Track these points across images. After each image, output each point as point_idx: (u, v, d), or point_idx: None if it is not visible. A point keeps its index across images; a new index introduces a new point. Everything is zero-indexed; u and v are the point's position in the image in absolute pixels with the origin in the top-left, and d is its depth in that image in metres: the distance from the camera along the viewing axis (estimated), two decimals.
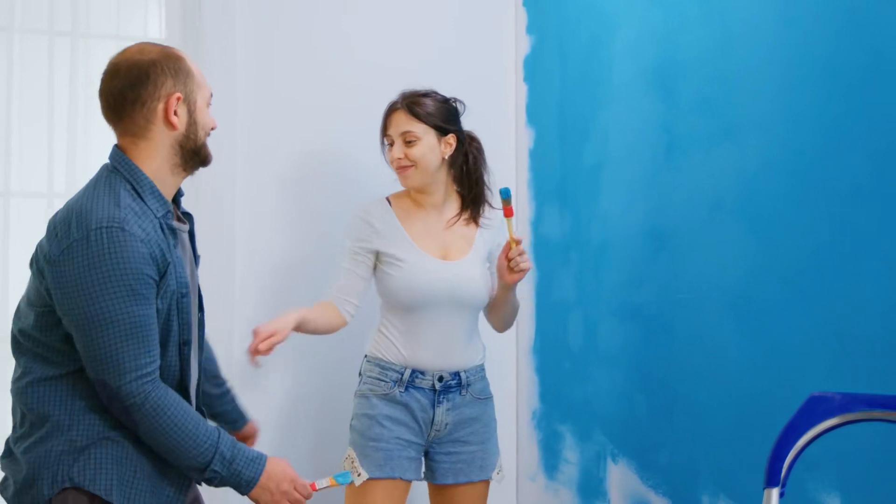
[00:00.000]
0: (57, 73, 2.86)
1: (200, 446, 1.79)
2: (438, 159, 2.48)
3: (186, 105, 1.86)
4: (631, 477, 2.61)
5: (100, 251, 1.71)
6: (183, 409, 1.79)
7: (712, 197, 2.31)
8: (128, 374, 1.74)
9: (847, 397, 1.19)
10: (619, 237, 2.68)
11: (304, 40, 3.02)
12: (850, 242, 1.92)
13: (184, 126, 1.86)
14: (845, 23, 1.94)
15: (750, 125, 2.19)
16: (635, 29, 2.63)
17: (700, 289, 2.35)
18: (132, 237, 1.73)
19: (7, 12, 2.84)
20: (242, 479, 1.83)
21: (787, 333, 2.08)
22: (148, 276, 1.75)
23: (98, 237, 1.71)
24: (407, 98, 2.48)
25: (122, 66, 1.84)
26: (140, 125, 1.84)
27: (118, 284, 1.72)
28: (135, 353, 1.75)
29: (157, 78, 1.82)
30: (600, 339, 2.78)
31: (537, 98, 3.15)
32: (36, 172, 2.86)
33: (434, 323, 2.45)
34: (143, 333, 1.76)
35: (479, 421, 2.52)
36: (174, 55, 1.87)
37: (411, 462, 2.45)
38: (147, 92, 1.82)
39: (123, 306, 1.73)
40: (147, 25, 3.01)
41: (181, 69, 1.86)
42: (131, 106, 1.82)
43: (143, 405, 1.76)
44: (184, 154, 1.89)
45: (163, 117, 1.84)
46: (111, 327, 1.73)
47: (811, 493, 1.98)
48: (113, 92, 1.83)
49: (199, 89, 1.90)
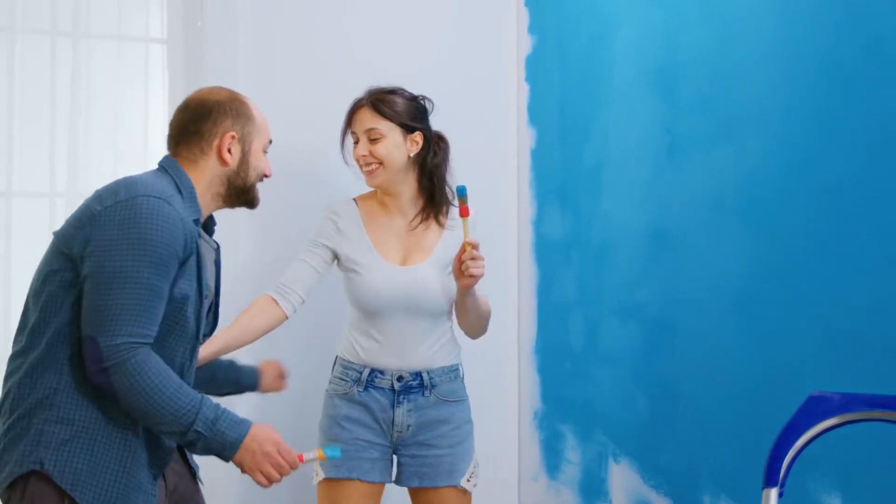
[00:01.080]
0: (58, 73, 2.87)
1: (182, 408, 1.79)
2: (404, 157, 2.43)
3: (241, 145, 2.01)
4: (632, 477, 2.61)
5: (141, 215, 1.79)
6: (165, 372, 1.80)
7: (713, 196, 2.31)
8: (121, 336, 1.77)
9: (846, 397, 1.19)
10: (621, 237, 2.68)
11: (305, 40, 3.02)
12: (851, 242, 1.92)
13: (235, 163, 2.01)
14: (845, 22, 1.94)
15: (750, 125, 2.19)
16: (636, 29, 2.63)
17: (701, 288, 2.35)
18: (174, 212, 1.83)
19: (8, 12, 2.84)
20: (226, 441, 1.83)
21: (788, 333, 2.08)
22: (174, 253, 1.82)
23: (144, 203, 1.81)
24: (373, 95, 2.45)
25: (191, 103, 2.02)
26: (195, 154, 1.99)
27: (149, 250, 1.78)
28: (136, 318, 1.78)
29: (218, 116, 1.99)
30: (601, 339, 2.78)
31: (539, 98, 3.15)
32: (37, 172, 2.87)
33: (393, 324, 2.41)
34: (150, 303, 1.80)
35: (448, 424, 2.44)
36: (239, 99, 2.04)
37: (374, 463, 2.41)
38: (206, 127, 1.98)
39: (145, 271, 1.78)
40: (149, 26, 3.01)
41: (242, 112, 2.02)
42: (191, 137, 1.99)
43: (123, 364, 1.77)
44: (230, 188, 2.02)
45: (217, 152, 1.98)
46: (126, 286, 1.77)
47: (812, 493, 1.98)
48: (178, 124, 2.01)
49: (257, 134, 2.05)
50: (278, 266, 2.87)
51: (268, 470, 1.87)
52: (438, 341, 2.45)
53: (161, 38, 2.99)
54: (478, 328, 2.51)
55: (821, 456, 1.92)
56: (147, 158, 2.98)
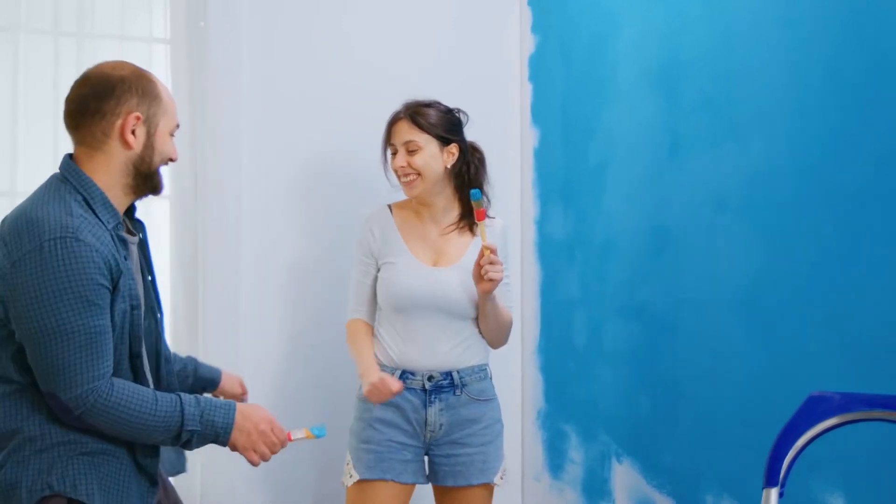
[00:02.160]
0: (62, 73, 2.87)
1: (165, 418, 1.77)
2: (441, 168, 2.49)
3: (146, 127, 1.85)
4: (635, 477, 2.60)
5: (53, 262, 1.69)
6: (135, 393, 1.77)
7: (716, 196, 2.30)
8: (80, 386, 1.72)
9: (846, 397, 1.18)
10: (623, 236, 2.68)
11: (309, 40, 3.02)
12: (854, 242, 1.91)
13: (139, 147, 1.85)
14: (849, 21, 1.93)
15: (753, 124, 2.19)
16: (639, 28, 2.63)
17: (704, 288, 2.35)
18: (86, 247, 1.71)
19: (12, 13, 2.85)
20: (219, 427, 1.81)
21: (791, 333, 2.08)
22: (101, 286, 1.73)
23: (52, 248, 1.70)
24: (410, 108, 2.51)
25: (91, 77, 1.85)
26: (97, 137, 1.83)
27: (72, 296, 1.70)
28: (87, 365, 1.73)
29: (122, 94, 1.83)
30: (604, 339, 2.77)
31: (542, 97, 3.15)
32: (41, 172, 2.86)
33: (422, 324, 2.47)
34: (96, 344, 1.74)
35: (479, 423, 2.49)
36: (146, 77, 1.88)
37: (407, 465, 2.46)
38: (108, 105, 1.82)
39: (77, 318, 1.71)
40: (152, 26, 3.01)
41: (149, 91, 1.86)
42: (91, 116, 1.83)
43: (92, 408, 1.74)
44: (136, 176, 1.87)
45: (119, 133, 1.83)
46: (64, 339, 1.71)
47: (815, 493, 1.98)
48: (77, 99, 1.84)
49: (164, 115, 1.88)
50: (278, 263, 2.88)
51: (262, 449, 1.86)
52: (466, 341, 2.50)
53: (164, 39, 3.00)
54: (498, 336, 2.55)
55: (824, 456, 1.91)
56: None
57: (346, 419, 2.59)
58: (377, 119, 2.56)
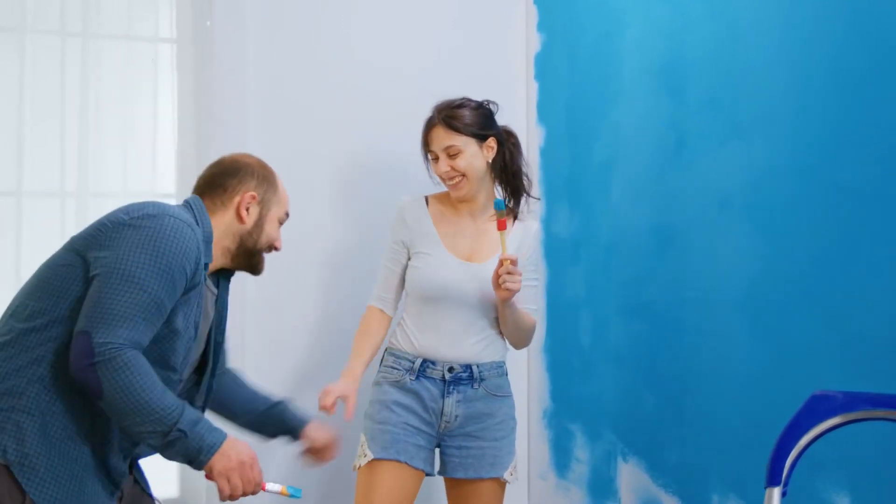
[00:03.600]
0: (68, 73, 2.87)
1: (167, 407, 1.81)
2: (483, 165, 2.50)
3: (260, 207, 2.08)
4: (641, 476, 2.60)
5: (165, 231, 1.86)
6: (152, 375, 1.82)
7: (720, 195, 2.30)
8: (116, 336, 1.79)
9: (849, 396, 1.18)
10: (628, 235, 2.68)
11: (315, 39, 3.02)
12: (858, 240, 1.91)
13: (251, 224, 2.07)
14: (853, 20, 1.93)
15: (758, 122, 2.18)
16: (644, 27, 2.62)
17: (708, 287, 2.34)
18: (193, 235, 1.90)
19: (19, 13, 2.85)
20: (205, 443, 1.84)
21: (796, 332, 2.07)
22: (185, 274, 1.88)
23: (170, 222, 1.88)
24: (442, 112, 2.50)
25: (224, 161, 2.13)
26: (216, 205, 2.07)
27: (164, 264, 1.84)
28: (135, 323, 1.81)
29: (244, 176, 2.08)
30: (610, 337, 2.77)
31: (547, 96, 3.15)
32: (48, 172, 2.88)
33: (448, 316, 2.48)
34: (150, 313, 1.83)
35: (494, 418, 2.50)
36: (268, 168, 2.14)
37: (420, 450, 2.47)
38: (232, 183, 2.07)
39: (156, 283, 1.83)
40: (158, 26, 3.01)
41: (268, 179, 2.11)
42: (215, 189, 2.07)
43: (113, 360, 1.78)
44: (240, 247, 2.08)
45: (236, 208, 2.06)
46: (134, 291, 1.81)
47: (820, 492, 1.97)
48: (207, 177, 2.11)
49: (276, 203, 2.12)
50: (287, 263, 2.88)
51: (235, 480, 1.87)
52: (488, 337, 2.51)
53: (170, 38, 3.00)
54: (518, 339, 2.56)
55: (829, 456, 1.91)
56: (156, 157, 2.99)
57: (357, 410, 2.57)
58: (382, 118, 2.56)
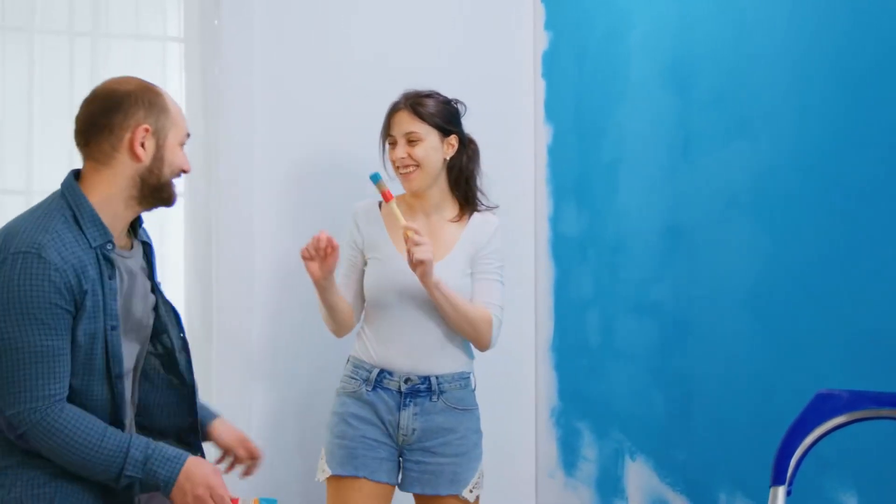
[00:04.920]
0: (77, 72, 2.89)
1: (108, 456, 1.74)
2: (441, 160, 2.45)
3: (155, 139, 1.86)
4: (649, 474, 2.60)
5: (10, 277, 1.70)
6: (84, 423, 1.75)
7: (728, 193, 2.29)
8: (22, 403, 1.71)
9: (854, 395, 1.17)
10: (636, 234, 2.67)
11: (321, 38, 3.03)
12: (865, 239, 1.90)
13: (149, 159, 1.85)
14: (860, 18, 1.92)
15: (765, 120, 2.17)
16: (651, 24, 2.62)
17: (716, 285, 2.34)
18: (46, 265, 1.71)
19: (28, 13, 2.87)
20: (160, 479, 1.77)
21: (804, 330, 2.06)
22: (56, 305, 1.73)
23: (13, 262, 1.71)
24: (410, 98, 2.46)
25: (98, 94, 1.87)
26: (105, 152, 1.84)
27: (21, 312, 1.70)
28: (32, 383, 1.71)
29: (129, 108, 1.83)
30: (617, 336, 2.77)
31: (555, 94, 3.15)
32: (57, 171, 2.88)
33: (404, 323, 2.42)
34: (42, 364, 1.72)
35: (454, 433, 2.42)
36: (152, 90, 1.88)
37: (381, 463, 2.40)
38: (116, 120, 1.83)
39: (24, 335, 1.71)
40: (166, 25, 3.03)
41: (156, 104, 1.86)
42: (100, 132, 1.83)
43: (35, 428, 1.72)
44: (143, 188, 1.87)
45: (128, 147, 1.83)
46: (9, 354, 1.71)
47: (827, 491, 1.96)
48: (85, 116, 1.86)
49: (173, 127, 1.89)
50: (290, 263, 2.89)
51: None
52: (448, 346, 2.44)
53: (178, 37, 3.01)
54: (471, 333, 2.42)
55: (836, 455, 1.90)
56: None
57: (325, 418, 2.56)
58: None
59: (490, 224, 2.50)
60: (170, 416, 2.04)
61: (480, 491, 2.47)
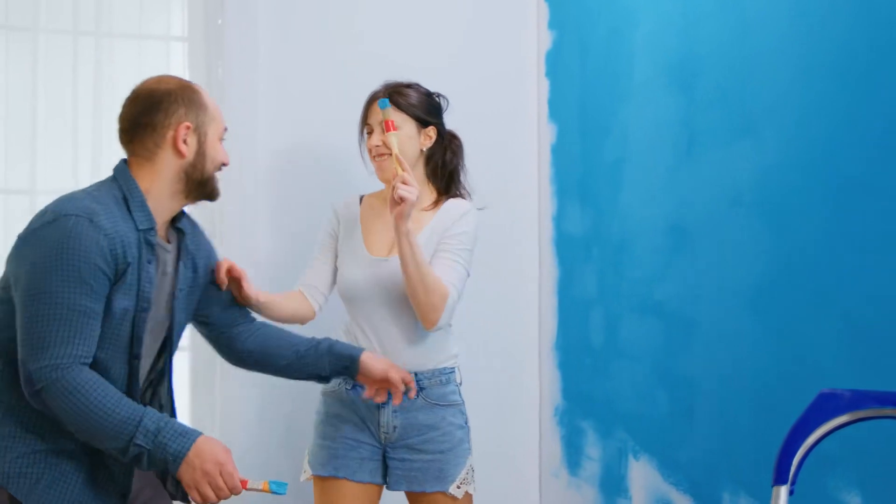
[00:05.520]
0: (81, 71, 2.89)
1: (121, 422, 1.74)
2: (416, 150, 2.44)
3: (196, 135, 1.94)
4: (652, 474, 2.59)
5: (61, 234, 1.76)
6: (101, 388, 1.75)
7: (732, 192, 2.29)
8: (47, 358, 1.73)
9: (857, 394, 1.17)
10: (640, 233, 2.67)
11: (324, 37, 3.03)
12: (869, 238, 1.90)
13: (192, 155, 1.94)
14: (865, 15, 1.91)
15: (769, 119, 2.17)
16: (655, 23, 2.61)
17: (720, 284, 2.33)
18: (96, 229, 1.77)
19: (32, 13, 2.87)
20: (169, 453, 1.76)
21: (808, 329, 2.06)
22: (100, 270, 1.77)
23: (64, 222, 1.77)
24: (389, 87, 2.46)
25: (140, 94, 1.95)
26: (149, 149, 1.92)
27: (67, 270, 1.74)
28: (60, 339, 1.74)
29: (169, 106, 1.92)
30: (621, 336, 2.77)
31: (559, 93, 3.14)
32: (61, 171, 2.90)
33: (373, 320, 2.40)
34: (76, 323, 1.75)
35: (436, 429, 2.39)
36: (190, 87, 1.97)
37: (363, 463, 2.39)
38: (158, 119, 1.91)
39: (65, 292, 1.74)
40: (170, 25, 3.03)
41: (195, 101, 1.95)
42: (143, 130, 1.92)
43: (52, 385, 1.73)
44: (188, 182, 1.95)
45: (172, 144, 1.92)
46: (46, 307, 1.74)
47: (831, 491, 1.96)
48: (128, 117, 1.94)
49: (211, 122, 1.97)
50: (294, 261, 2.90)
51: (205, 490, 1.79)
52: (425, 342, 2.40)
53: (182, 37, 3.02)
54: (420, 297, 2.27)
55: (840, 454, 1.90)
56: None
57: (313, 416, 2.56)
58: None
59: (460, 208, 2.44)
60: None
61: (470, 487, 2.43)
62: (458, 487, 2.40)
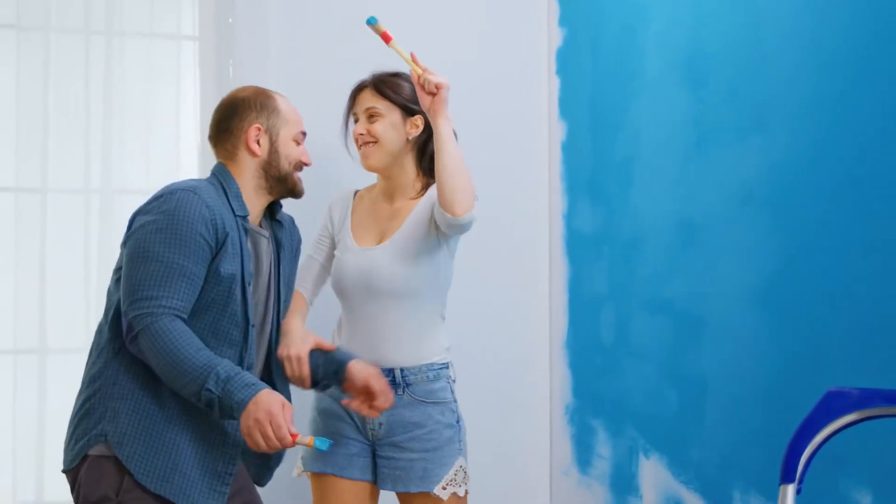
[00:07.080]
0: (92, 70, 2.91)
1: (196, 369, 1.91)
2: (401, 139, 2.42)
3: (268, 135, 2.19)
4: (663, 472, 2.59)
5: (169, 205, 2.00)
6: (187, 336, 1.94)
7: (743, 189, 2.28)
8: (145, 308, 1.93)
9: (865, 392, 1.16)
10: (651, 230, 2.66)
11: (335, 35, 3.03)
12: (880, 236, 1.89)
13: (265, 154, 2.19)
14: (876, 11, 1.90)
15: (780, 116, 2.16)
16: (666, 20, 2.60)
17: (731, 282, 2.32)
18: (200, 201, 2.01)
19: (43, 12, 2.89)
20: (234, 401, 1.92)
21: (818, 328, 2.05)
22: (201, 236, 1.99)
23: (171, 196, 2.02)
24: (376, 77, 2.47)
25: (222, 103, 2.24)
26: (230, 151, 2.19)
27: (170, 231, 1.97)
28: (158, 289, 1.94)
29: (243, 111, 2.18)
30: (632, 334, 2.76)
31: (569, 91, 3.14)
32: (72, 169, 2.91)
33: (362, 314, 2.38)
34: (173, 278, 1.95)
35: (422, 427, 2.34)
36: (264, 93, 2.23)
37: (353, 459, 2.37)
38: (234, 123, 2.18)
39: (167, 251, 1.96)
40: (180, 23, 3.04)
41: (267, 105, 2.20)
42: (224, 134, 2.19)
43: (146, 329, 1.92)
44: (268, 179, 2.20)
45: (245, 144, 2.17)
46: (147, 263, 1.96)
47: (842, 489, 1.95)
48: (214, 124, 2.23)
49: (284, 125, 2.21)
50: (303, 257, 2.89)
51: (255, 437, 1.93)
52: (411, 336, 2.38)
53: (192, 36, 3.02)
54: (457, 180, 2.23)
55: (851, 453, 1.89)
56: (179, 153, 3.02)
57: None
58: None
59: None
60: None
61: (460, 489, 2.36)
62: (443, 489, 2.33)
